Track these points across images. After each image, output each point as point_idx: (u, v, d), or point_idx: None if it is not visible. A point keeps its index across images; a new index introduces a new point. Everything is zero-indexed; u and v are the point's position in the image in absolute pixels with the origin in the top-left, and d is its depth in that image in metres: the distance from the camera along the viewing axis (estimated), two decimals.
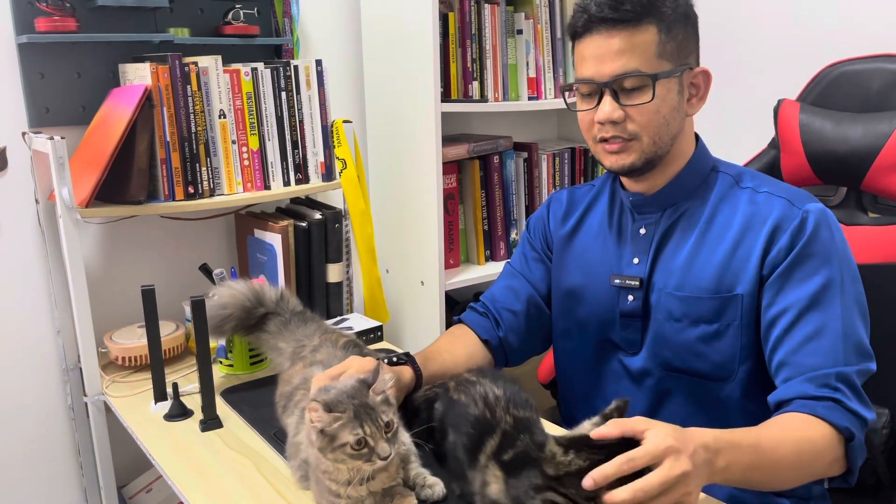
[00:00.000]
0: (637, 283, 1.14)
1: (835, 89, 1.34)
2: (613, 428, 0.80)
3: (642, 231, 1.16)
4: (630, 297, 1.16)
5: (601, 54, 1.06)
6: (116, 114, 1.45)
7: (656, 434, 0.79)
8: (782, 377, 1.02)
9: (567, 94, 1.16)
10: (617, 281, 1.17)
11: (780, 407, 1.00)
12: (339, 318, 1.68)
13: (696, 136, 1.17)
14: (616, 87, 1.06)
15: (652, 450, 0.78)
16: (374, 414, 0.88)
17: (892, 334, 1.26)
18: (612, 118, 1.06)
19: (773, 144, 1.39)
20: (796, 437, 0.94)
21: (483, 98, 1.93)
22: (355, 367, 1.03)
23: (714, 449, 0.84)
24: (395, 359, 1.15)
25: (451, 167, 1.92)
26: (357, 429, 0.87)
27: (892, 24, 1.67)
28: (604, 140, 1.10)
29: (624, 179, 1.20)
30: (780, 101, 1.37)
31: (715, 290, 1.08)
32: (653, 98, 1.05)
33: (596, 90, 1.08)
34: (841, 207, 1.34)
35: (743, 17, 1.96)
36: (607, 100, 1.06)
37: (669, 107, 1.08)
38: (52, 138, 1.32)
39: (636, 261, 1.16)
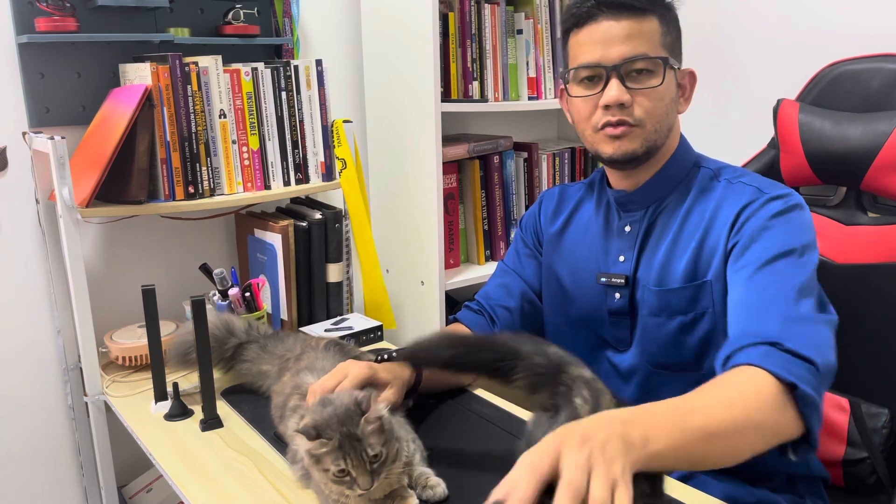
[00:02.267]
0: (622, 280, 1.15)
1: (834, 89, 1.34)
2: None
3: (627, 229, 1.17)
4: (617, 295, 1.16)
5: (608, 39, 1.06)
6: (117, 114, 1.45)
7: (539, 444, 0.72)
8: (728, 338, 0.95)
9: (568, 80, 1.13)
10: (603, 279, 1.17)
11: (722, 367, 0.92)
12: (339, 318, 1.68)
13: (682, 134, 1.18)
14: (623, 72, 1.06)
15: (537, 457, 0.70)
16: (359, 447, 0.87)
17: (893, 334, 1.26)
18: (621, 100, 1.06)
19: (773, 144, 1.39)
20: (725, 391, 0.83)
21: (483, 98, 1.93)
22: (352, 375, 1.03)
23: (622, 420, 0.74)
24: (394, 354, 1.15)
25: (451, 167, 1.92)
26: (339, 460, 0.87)
27: (892, 23, 1.67)
28: (606, 126, 1.08)
29: (610, 176, 1.20)
30: (779, 101, 1.37)
31: (688, 280, 1.09)
32: (662, 82, 1.06)
33: (600, 75, 1.08)
34: (840, 207, 1.34)
35: (742, 17, 1.96)
36: (615, 83, 1.06)
37: (671, 96, 1.09)
38: (52, 138, 1.32)
39: (622, 258, 1.16)
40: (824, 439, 1.29)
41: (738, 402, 0.81)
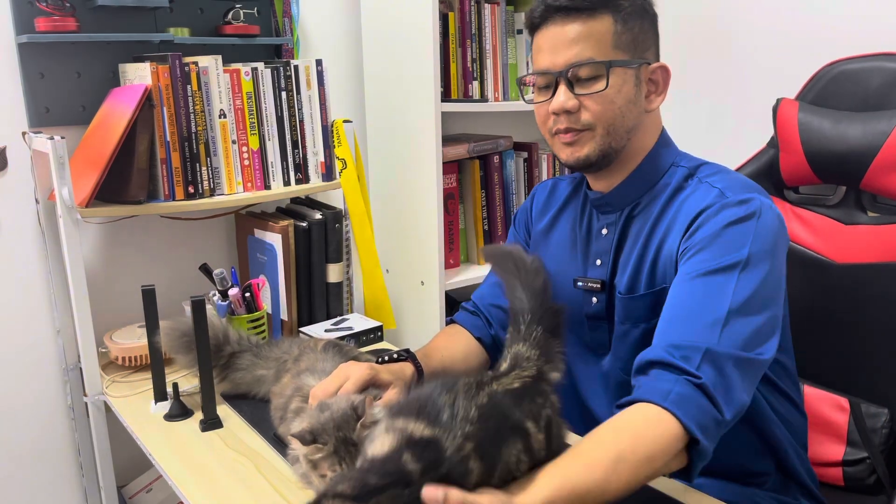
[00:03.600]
0: (598, 285, 1.13)
1: (834, 88, 1.34)
2: None
3: (604, 232, 1.14)
4: (594, 300, 1.14)
5: (556, 44, 1.05)
6: (116, 114, 1.45)
7: None
8: (654, 341, 0.95)
9: (523, 88, 1.14)
10: (580, 284, 1.15)
11: (640, 372, 0.92)
12: (339, 318, 1.68)
13: (663, 132, 1.14)
14: (571, 77, 1.05)
15: None
16: (354, 451, 0.87)
17: (893, 334, 1.26)
18: (565, 107, 1.05)
19: (772, 144, 1.39)
20: (630, 450, 0.82)
21: (483, 98, 1.93)
22: (354, 377, 1.03)
23: None
24: (395, 355, 1.15)
25: (451, 167, 1.92)
26: (335, 465, 0.87)
27: (892, 22, 1.67)
28: (558, 132, 1.08)
29: (588, 178, 1.18)
30: (778, 100, 1.37)
31: (649, 286, 1.06)
32: (606, 86, 1.03)
33: (552, 81, 1.07)
34: (840, 207, 1.34)
35: (741, 16, 1.96)
36: (562, 89, 1.05)
37: (625, 98, 1.05)
38: (52, 138, 1.32)
39: (598, 262, 1.14)
40: (824, 439, 1.29)
41: (642, 467, 0.82)
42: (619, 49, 1.05)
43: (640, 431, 0.85)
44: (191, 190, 1.50)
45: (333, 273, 1.71)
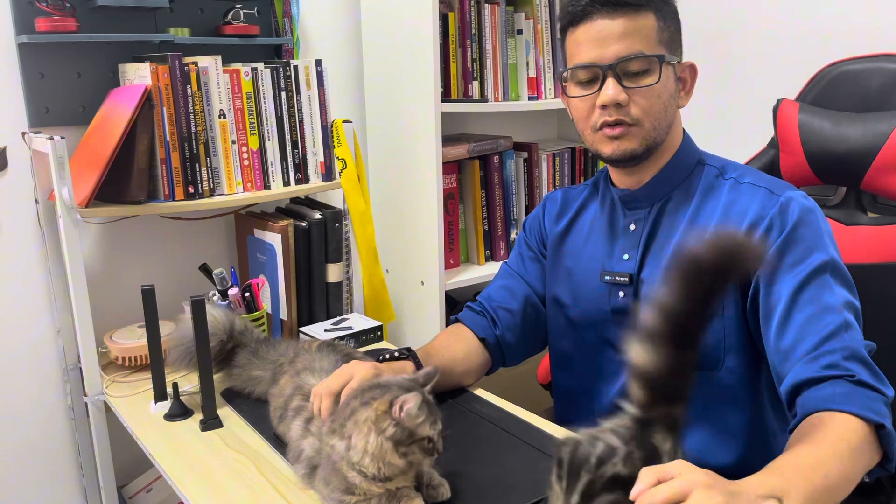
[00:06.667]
0: (627, 278, 1.14)
1: (834, 89, 1.34)
2: (649, 477, 0.70)
3: (632, 227, 1.16)
4: (621, 294, 1.16)
5: (603, 38, 1.05)
6: (116, 114, 1.45)
7: (689, 472, 0.71)
8: (789, 363, 0.98)
9: (565, 85, 1.14)
10: (607, 277, 1.16)
11: (794, 395, 0.95)
12: (339, 318, 1.68)
13: (685, 130, 1.18)
14: (619, 71, 1.06)
15: (680, 478, 0.70)
16: (437, 412, 0.91)
17: (893, 334, 1.26)
18: (617, 100, 1.05)
19: (773, 144, 1.39)
20: (832, 443, 0.85)
21: (483, 98, 1.93)
22: (358, 376, 1.03)
23: (782, 488, 0.76)
24: (396, 353, 1.15)
25: (451, 167, 1.92)
26: (437, 424, 0.90)
27: (892, 23, 1.67)
28: (604, 126, 1.08)
29: (613, 175, 1.19)
30: (779, 101, 1.37)
31: None
32: (658, 80, 1.05)
33: (597, 75, 1.07)
34: (840, 207, 1.34)
35: (742, 16, 1.97)
36: (611, 82, 1.05)
37: (668, 93, 1.09)
38: (52, 138, 1.32)
39: (626, 257, 1.16)
40: None
41: (845, 454, 0.84)
42: (662, 45, 1.07)
43: (834, 429, 0.87)
44: (191, 190, 1.50)
45: (333, 273, 1.71)
